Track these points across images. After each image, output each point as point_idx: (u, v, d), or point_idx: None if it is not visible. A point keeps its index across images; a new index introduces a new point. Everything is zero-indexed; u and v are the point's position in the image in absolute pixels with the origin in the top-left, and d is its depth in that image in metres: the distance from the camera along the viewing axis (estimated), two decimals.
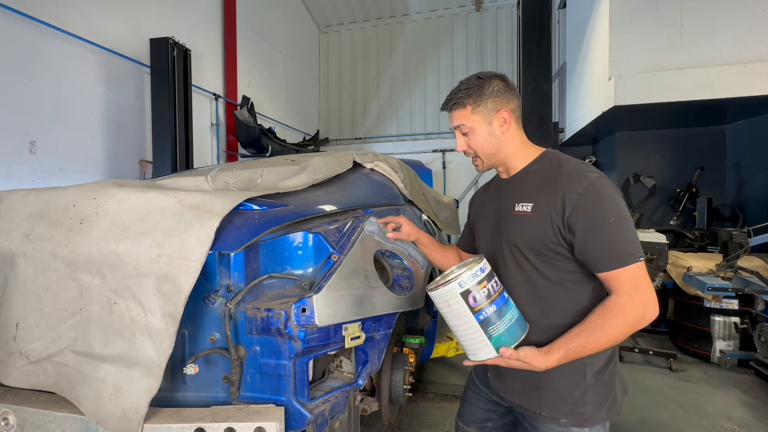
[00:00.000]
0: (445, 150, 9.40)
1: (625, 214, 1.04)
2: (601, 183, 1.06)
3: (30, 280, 1.31)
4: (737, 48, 4.12)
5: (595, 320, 1.02)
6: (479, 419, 1.38)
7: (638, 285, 1.01)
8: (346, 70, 10.44)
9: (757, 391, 3.12)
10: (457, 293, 1.01)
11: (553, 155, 1.20)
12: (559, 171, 1.12)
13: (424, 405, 2.87)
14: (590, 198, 1.04)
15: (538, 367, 1.02)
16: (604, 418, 1.11)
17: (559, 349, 1.02)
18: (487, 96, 1.16)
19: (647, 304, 1.01)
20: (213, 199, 1.31)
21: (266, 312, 1.25)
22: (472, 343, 1.04)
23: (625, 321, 1.00)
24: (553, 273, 1.11)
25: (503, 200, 1.24)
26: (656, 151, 5.87)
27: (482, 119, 1.18)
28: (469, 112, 1.18)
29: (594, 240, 1.03)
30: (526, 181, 1.19)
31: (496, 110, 1.17)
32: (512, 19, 9.08)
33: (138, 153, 5.13)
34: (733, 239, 3.85)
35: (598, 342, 1.01)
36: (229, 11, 6.88)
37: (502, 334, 1.02)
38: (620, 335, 1.02)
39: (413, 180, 2.73)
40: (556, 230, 1.07)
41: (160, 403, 1.24)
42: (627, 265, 1.00)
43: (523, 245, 1.13)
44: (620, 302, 1.01)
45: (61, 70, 4.18)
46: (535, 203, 1.12)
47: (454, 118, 1.21)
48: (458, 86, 1.22)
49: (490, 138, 1.19)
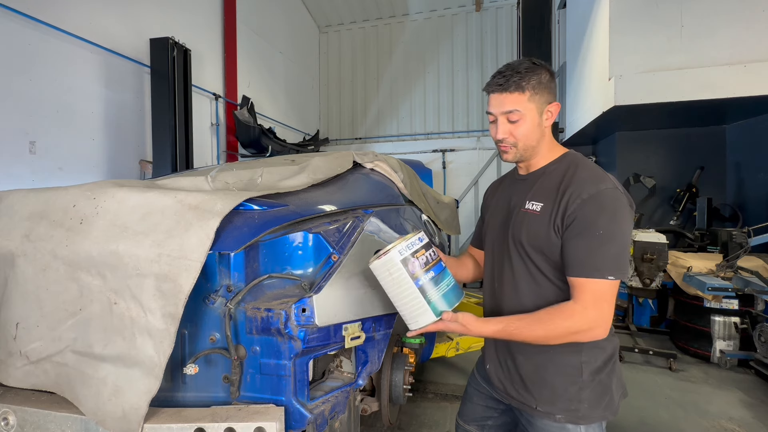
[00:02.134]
0: (445, 150, 9.40)
1: (618, 233, 1.02)
2: (609, 194, 1.04)
3: (30, 280, 1.31)
4: (737, 48, 4.11)
5: (544, 314, 1.05)
6: (480, 417, 1.38)
7: (597, 301, 1.01)
8: (346, 70, 10.43)
9: (757, 391, 3.12)
10: (397, 261, 1.09)
11: (574, 158, 1.18)
12: (574, 175, 1.11)
13: (424, 405, 2.87)
14: (591, 206, 1.03)
15: (473, 333, 1.09)
16: (600, 417, 1.12)
17: (499, 322, 1.08)
18: (543, 85, 1.12)
19: (598, 321, 1.02)
20: (213, 199, 1.31)
21: (266, 312, 1.25)
22: (413, 310, 1.11)
23: (569, 325, 1.02)
24: (552, 273, 1.13)
25: (516, 196, 1.23)
26: (656, 151, 5.87)
27: (536, 108, 1.12)
28: (527, 98, 1.11)
29: (573, 243, 1.04)
30: (542, 181, 1.18)
31: (549, 101, 1.14)
32: (512, 19, 9.07)
33: (138, 153, 5.12)
34: (733, 239, 3.85)
35: (535, 333, 1.05)
36: (229, 11, 6.88)
37: (440, 299, 1.10)
38: (558, 335, 1.03)
39: (413, 180, 2.73)
40: (555, 230, 1.09)
41: (160, 403, 1.23)
42: (593, 277, 1.01)
43: (527, 242, 1.14)
44: (573, 308, 1.03)
45: (61, 70, 4.18)
46: (545, 204, 1.12)
47: (507, 102, 1.12)
48: (510, 67, 1.13)
49: (537, 129, 1.14)
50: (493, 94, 1.15)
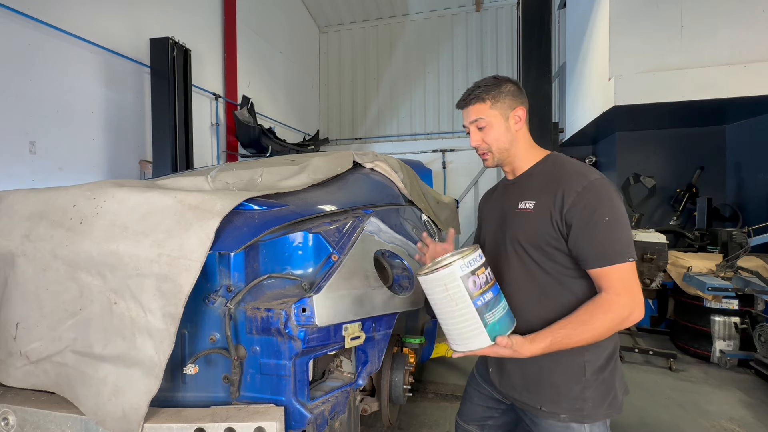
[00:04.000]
0: (445, 150, 9.39)
1: (621, 216, 1.07)
2: (600, 183, 1.10)
3: (30, 280, 1.31)
4: (737, 48, 4.11)
5: (583, 314, 1.05)
6: (480, 417, 1.38)
7: (627, 284, 1.04)
8: (346, 70, 10.43)
9: (757, 391, 3.12)
10: (458, 276, 1.01)
11: (557, 158, 1.25)
12: (561, 171, 1.17)
13: (424, 405, 2.87)
14: (588, 196, 1.08)
15: (524, 355, 1.05)
16: (604, 415, 1.12)
17: (545, 338, 1.05)
18: (504, 94, 1.22)
19: (634, 303, 1.04)
20: (213, 199, 1.32)
21: (266, 312, 1.25)
22: (465, 330, 1.04)
23: (612, 317, 1.04)
24: (552, 268, 1.14)
25: (508, 200, 1.29)
26: (656, 151, 5.86)
27: (500, 114, 1.22)
28: (488, 106, 1.22)
29: (586, 236, 1.06)
30: (530, 182, 1.24)
31: (512, 107, 1.23)
32: (512, 19, 9.07)
33: (138, 153, 5.12)
34: (733, 239, 3.85)
35: (583, 335, 1.04)
36: (229, 11, 6.88)
37: (497, 321, 1.04)
38: (605, 331, 1.05)
39: (413, 180, 2.73)
40: (554, 226, 1.11)
41: (160, 403, 1.23)
42: (615, 263, 1.04)
43: (525, 240, 1.17)
44: (609, 299, 1.04)
45: (61, 70, 4.17)
46: (537, 201, 1.17)
47: (472, 112, 1.25)
48: (476, 84, 1.26)
49: (506, 133, 1.23)
50: (462, 109, 1.29)
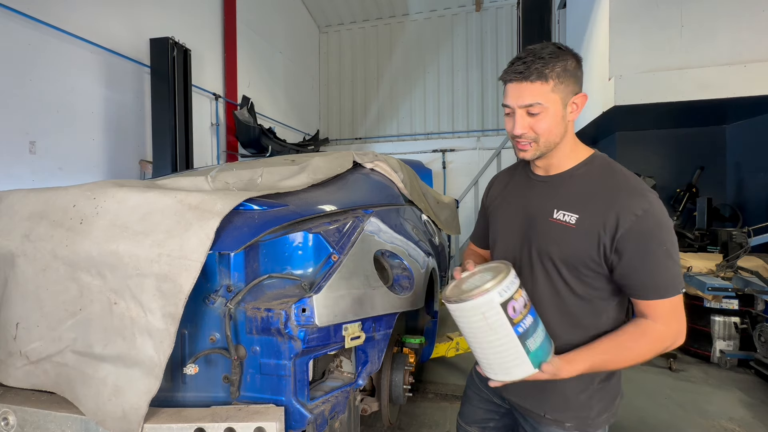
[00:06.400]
0: (445, 150, 9.40)
1: (676, 245, 0.97)
2: (659, 207, 0.96)
3: (30, 280, 1.31)
4: (737, 48, 4.12)
5: (627, 340, 0.98)
6: (480, 419, 1.37)
7: (677, 315, 0.98)
8: (346, 70, 10.44)
9: (757, 391, 3.12)
10: (497, 303, 0.89)
11: (604, 161, 1.06)
12: (613, 184, 1.00)
13: (424, 405, 2.87)
14: (648, 223, 0.94)
15: (563, 377, 0.97)
16: (605, 421, 1.11)
17: (584, 361, 0.98)
18: (570, 73, 0.97)
19: (682, 331, 0.99)
20: (213, 199, 1.31)
21: (266, 312, 1.25)
22: (506, 359, 0.93)
23: (660, 347, 0.98)
24: (583, 289, 1.04)
25: (536, 200, 1.10)
26: (656, 151, 5.87)
27: (560, 100, 0.97)
28: (550, 88, 0.96)
29: (642, 267, 0.95)
30: (570, 186, 1.04)
31: (574, 92, 0.99)
32: (512, 19, 9.07)
33: (138, 153, 5.12)
34: (733, 239, 3.85)
35: (624, 361, 0.99)
36: (229, 11, 6.88)
37: (539, 348, 0.93)
38: (647, 357, 0.99)
39: (413, 180, 2.73)
40: (600, 250, 0.97)
41: (160, 403, 1.23)
42: (669, 296, 0.96)
43: (559, 258, 1.02)
44: (657, 329, 0.97)
45: (61, 71, 4.17)
46: (581, 216, 0.99)
47: (528, 92, 0.97)
48: (531, 51, 0.98)
49: (561, 123, 0.99)
50: (511, 83, 0.99)
